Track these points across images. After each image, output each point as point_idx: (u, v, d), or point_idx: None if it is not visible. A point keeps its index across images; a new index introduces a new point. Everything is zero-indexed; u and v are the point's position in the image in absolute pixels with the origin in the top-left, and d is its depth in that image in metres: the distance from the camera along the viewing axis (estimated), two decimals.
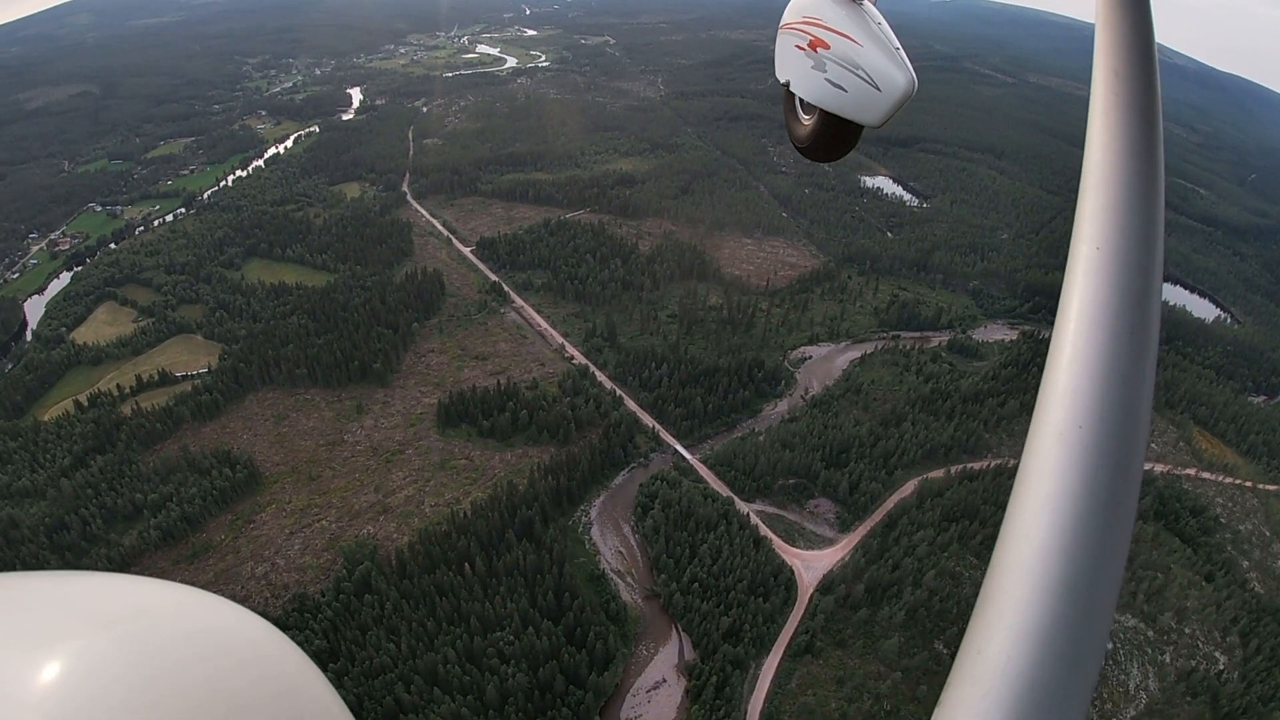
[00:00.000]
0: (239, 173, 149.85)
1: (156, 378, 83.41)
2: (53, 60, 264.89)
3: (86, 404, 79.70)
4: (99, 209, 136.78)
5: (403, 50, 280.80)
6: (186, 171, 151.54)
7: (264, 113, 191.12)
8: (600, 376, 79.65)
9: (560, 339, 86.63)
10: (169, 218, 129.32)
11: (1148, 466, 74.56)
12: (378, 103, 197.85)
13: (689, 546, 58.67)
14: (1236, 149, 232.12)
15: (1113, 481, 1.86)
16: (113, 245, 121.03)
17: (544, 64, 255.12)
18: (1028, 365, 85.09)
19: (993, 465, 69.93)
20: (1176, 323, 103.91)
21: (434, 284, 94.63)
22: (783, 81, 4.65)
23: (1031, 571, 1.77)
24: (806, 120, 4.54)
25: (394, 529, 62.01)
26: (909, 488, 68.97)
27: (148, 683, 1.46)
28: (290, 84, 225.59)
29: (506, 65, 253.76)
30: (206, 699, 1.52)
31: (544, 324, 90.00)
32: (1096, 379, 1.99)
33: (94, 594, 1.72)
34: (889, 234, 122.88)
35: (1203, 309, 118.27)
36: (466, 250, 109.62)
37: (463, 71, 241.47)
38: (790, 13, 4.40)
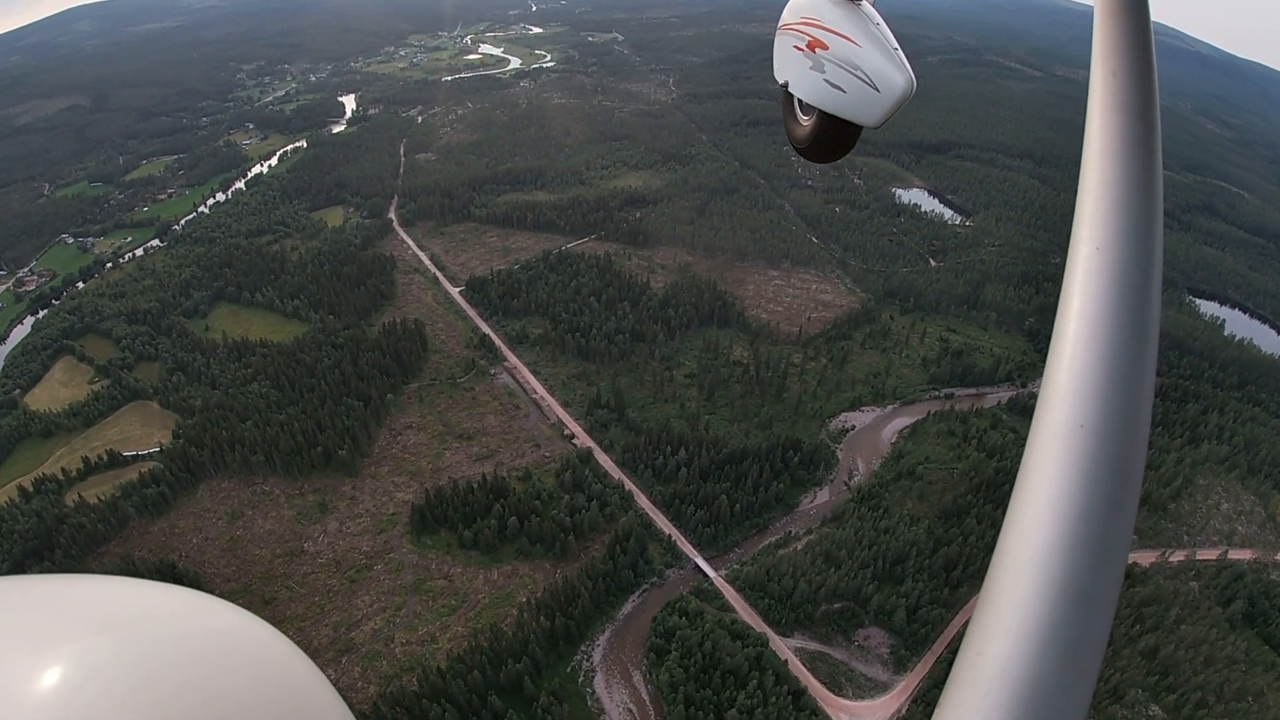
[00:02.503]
0: (218, 196, 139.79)
1: (105, 459, 74.34)
2: (49, 70, 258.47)
3: (31, 490, 71.69)
4: (70, 241, 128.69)
5: (402, 52, 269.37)
6: (164, 196, 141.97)
7: (251, 125, 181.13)
8: (606, 463, 67.53)
9: (560, 411, 74.51)
10: (139, 251, 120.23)
11: (1234, 556, 64.96)
12: (370, 112, 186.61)
13: (714, 709, 47.17)
14: (1269, 144, 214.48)
15: (1114, 482, 1.84)
16: (79, 285, 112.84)
17: (549, 64, 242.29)
18: None
19: None
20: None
21: (415, 339, 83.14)
22: (781, 82, 4.52)
23: (1032, 573, 1.74)
24: (805, 121, 4.42)
25: (358, 675, 51.22)
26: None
27: (149, 684, 1.44)
28: (283, 92, 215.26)
29: (509, 67, 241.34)
30: (209, 700, 1.50)
31: (541, 389, 77.95)
32: (1098, 379, 1.98)
33: (95, 597, 1.71)
34: (932, 261, 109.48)
35: (1267, 339, 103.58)
36: (455, 291, 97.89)
37: (463, 74, 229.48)
38: (789, 13, 4.27)
